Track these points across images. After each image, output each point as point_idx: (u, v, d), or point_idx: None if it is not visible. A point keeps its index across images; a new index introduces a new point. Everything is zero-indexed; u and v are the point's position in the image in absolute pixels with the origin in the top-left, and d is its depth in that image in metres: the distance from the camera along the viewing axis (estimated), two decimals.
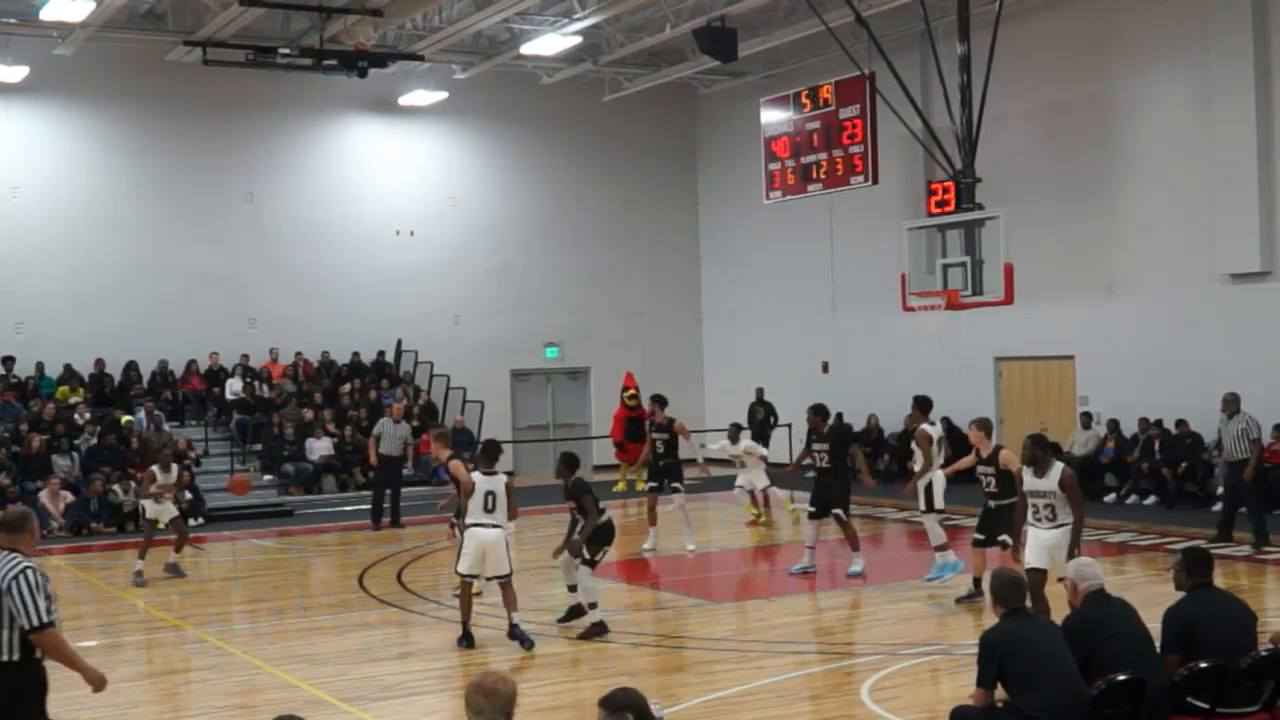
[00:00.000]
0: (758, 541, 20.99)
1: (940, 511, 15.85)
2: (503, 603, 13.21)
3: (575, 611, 13.87)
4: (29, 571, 7.44)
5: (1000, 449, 14.40)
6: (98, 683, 7.82)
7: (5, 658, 7.40)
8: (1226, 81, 22.54)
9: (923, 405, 16.54)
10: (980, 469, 14.49)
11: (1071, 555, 10.66)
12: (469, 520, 13.30)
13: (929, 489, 15.83)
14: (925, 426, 16.08)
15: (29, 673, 7.54)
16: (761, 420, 30.56)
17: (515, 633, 13.05)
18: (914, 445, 16.43)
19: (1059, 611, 9.36)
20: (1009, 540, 13.29)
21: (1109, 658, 8.06)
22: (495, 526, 13.14)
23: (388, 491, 23.50)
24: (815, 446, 16.99)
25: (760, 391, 30.45)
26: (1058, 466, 11.73)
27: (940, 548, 15.73)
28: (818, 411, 17.12)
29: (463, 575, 13.29)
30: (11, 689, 7.47)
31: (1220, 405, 18.88)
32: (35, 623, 7.37)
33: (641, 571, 18.03)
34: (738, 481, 22.34)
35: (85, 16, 23.98)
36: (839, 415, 29.56)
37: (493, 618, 14.73)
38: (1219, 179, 22.73)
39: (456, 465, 14.56)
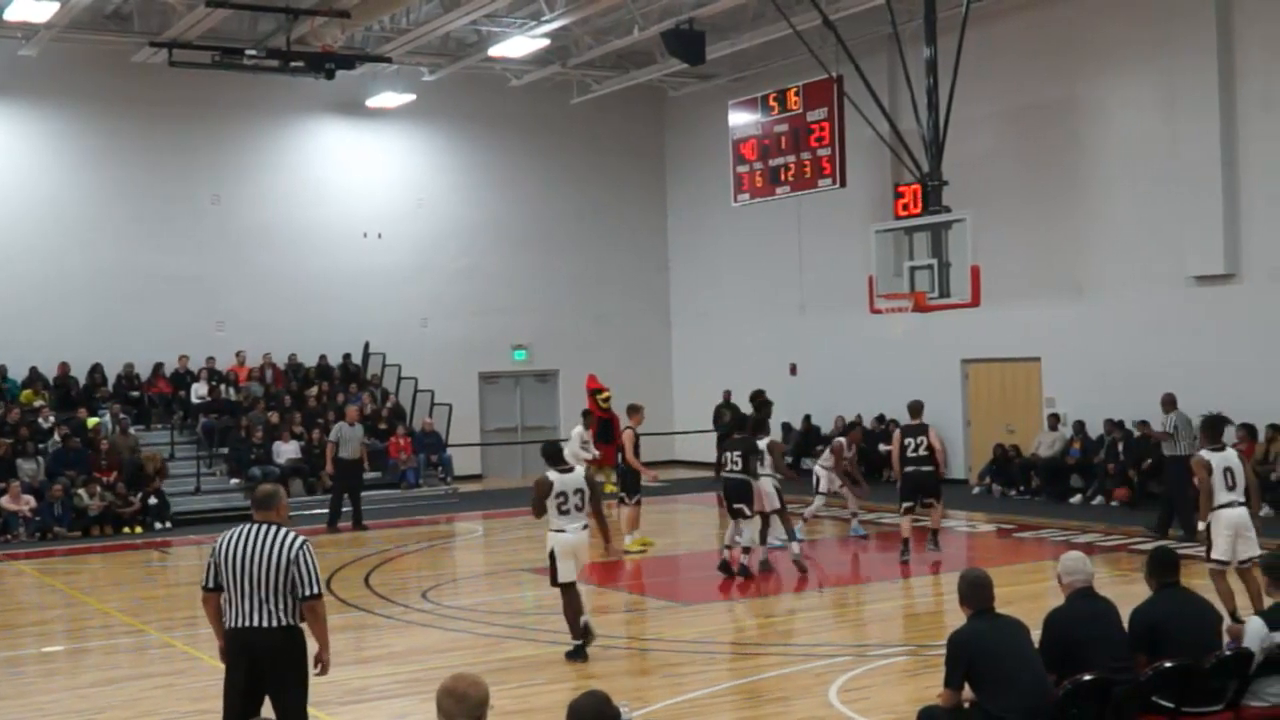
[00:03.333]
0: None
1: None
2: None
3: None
4: (309, 544, 8.27)
5: None
6: (328, 665, 8.43)
7: (289, 622, 8.15)
8: (1191, 84, 22.69)
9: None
10: None
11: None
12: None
13: None
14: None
15: (303, 638, 8.28)
16: (728, 423, 30.56)
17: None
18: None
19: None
20: None
21: (1084, 656, 8.09)
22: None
23: (346, 495, 23.34)
24: (731, 452, 17.25)
25: (727, 394, 30.47)
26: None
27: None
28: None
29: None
30: (297, 651, 8.22)
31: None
32: (315, 591, 8.16)
33: (611, 574, 18.03)
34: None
35: (50, 17, 23.84)
36: (806, 417, 29.85)
37: (467, 620, 14.72)
38: (1184, 182, 22.87)
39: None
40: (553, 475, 12.52)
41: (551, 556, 12.57)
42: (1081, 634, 8.24)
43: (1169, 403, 19.47)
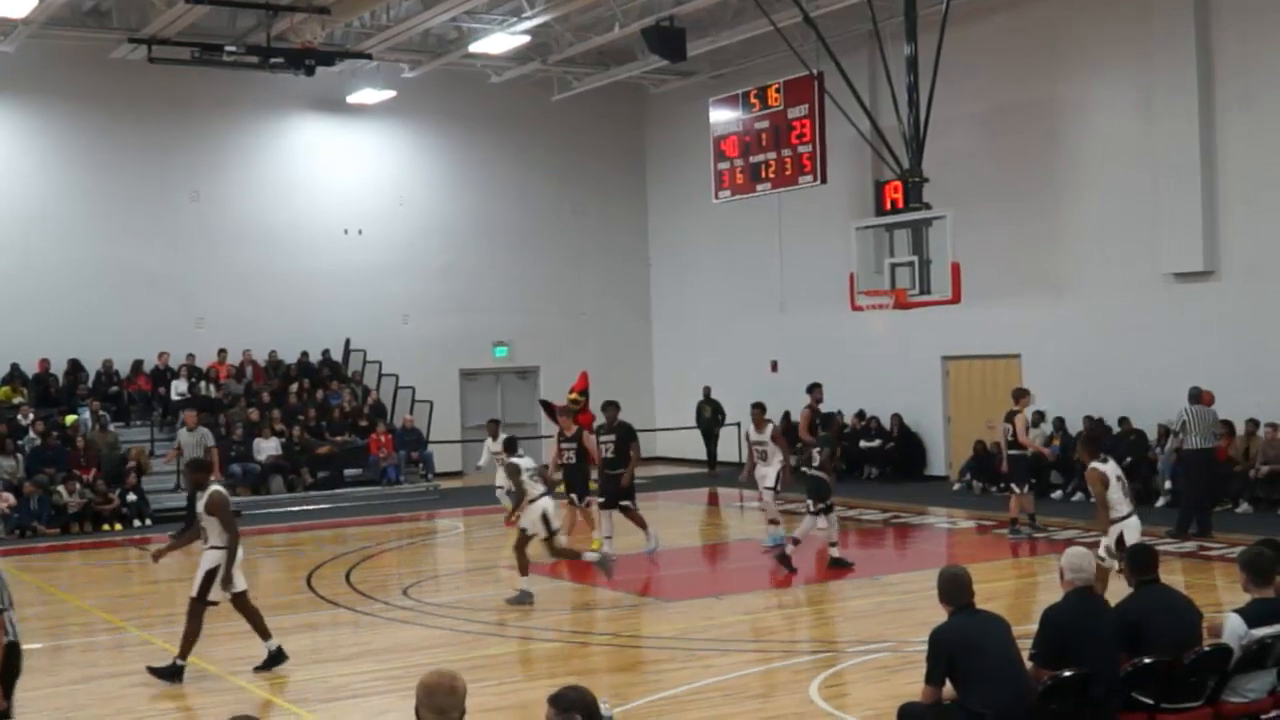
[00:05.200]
0: (707, 540, 21.01)
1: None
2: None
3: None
4: None
5: None
6: None
7: None
8: (1170, 84, 22.76)
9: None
10: None
11: None
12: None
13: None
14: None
15: None
16: (709, 419, 30.61)
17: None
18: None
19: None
20: None
21: (1079, 654, 8.08)
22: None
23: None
24: (602, 438, 17.59)
25: (707, 390, 30.51)
26: None
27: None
28: (613, 405, 18.08)
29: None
30: None
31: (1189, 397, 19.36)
32: None
33: (589, 570, 18.01)
34: (497, 481, 21.53)
35: (28, 13, 23.68)
36: (786, 414, 29.86)
37: (448, 617, 14.71)
38: (1163, 180, 22.94)
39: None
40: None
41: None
42: (1078, 631, 8.24)
43: (1191, 397, 19.27)
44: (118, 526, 23.79)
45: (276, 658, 12.47)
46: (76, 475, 24.04)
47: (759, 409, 18.95)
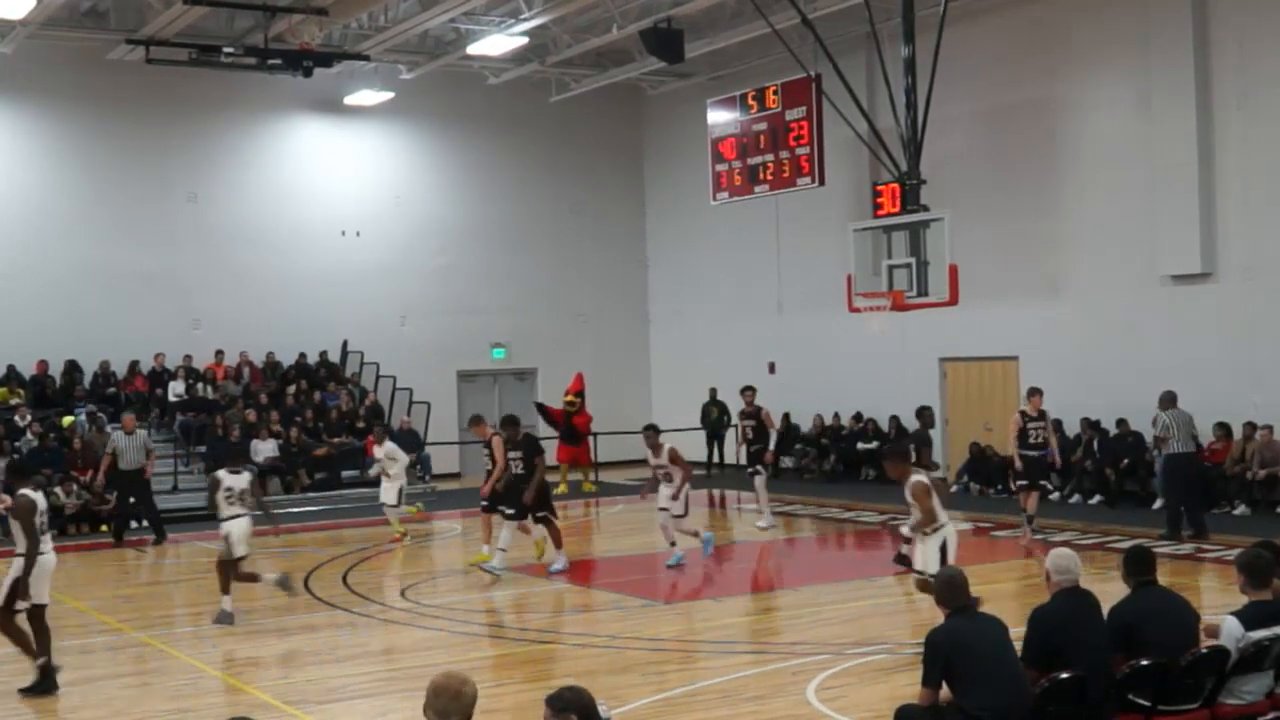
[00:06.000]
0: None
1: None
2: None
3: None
4: None
5: None
6: None
7: None
8: (1167, 84, 22.77)
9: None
10: None
11: None
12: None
13: None
14: None
15: None
16: (715, 419, 30.62)
17: None
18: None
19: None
20: None
21: (1068, 655, 8.09)
22: None
23: (131, 500, 22.33)
24: (510, 454, 17.24)
25: (714, 391, 30.51)
26: None
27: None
28: (511, 422, 17.82)
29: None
30: None
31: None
32: None
33: (586, 573, 18.02)
34: (382, 498, 21.37)
35: (26, 14, 23.66)
36: (785, 416, 29.86)
37: (445, 619, 14.70)
38: (1160, 181, 22.95)
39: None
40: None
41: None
42: (1066, 633, 8.24)
43: (1167, 401, 19.19)
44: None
45: (43, 684, 11.76)
46: (73, 477, 24.01)
47: (652, 431, 17.96)
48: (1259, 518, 20.42)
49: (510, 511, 17.07)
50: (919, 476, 12.93)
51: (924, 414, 21.75)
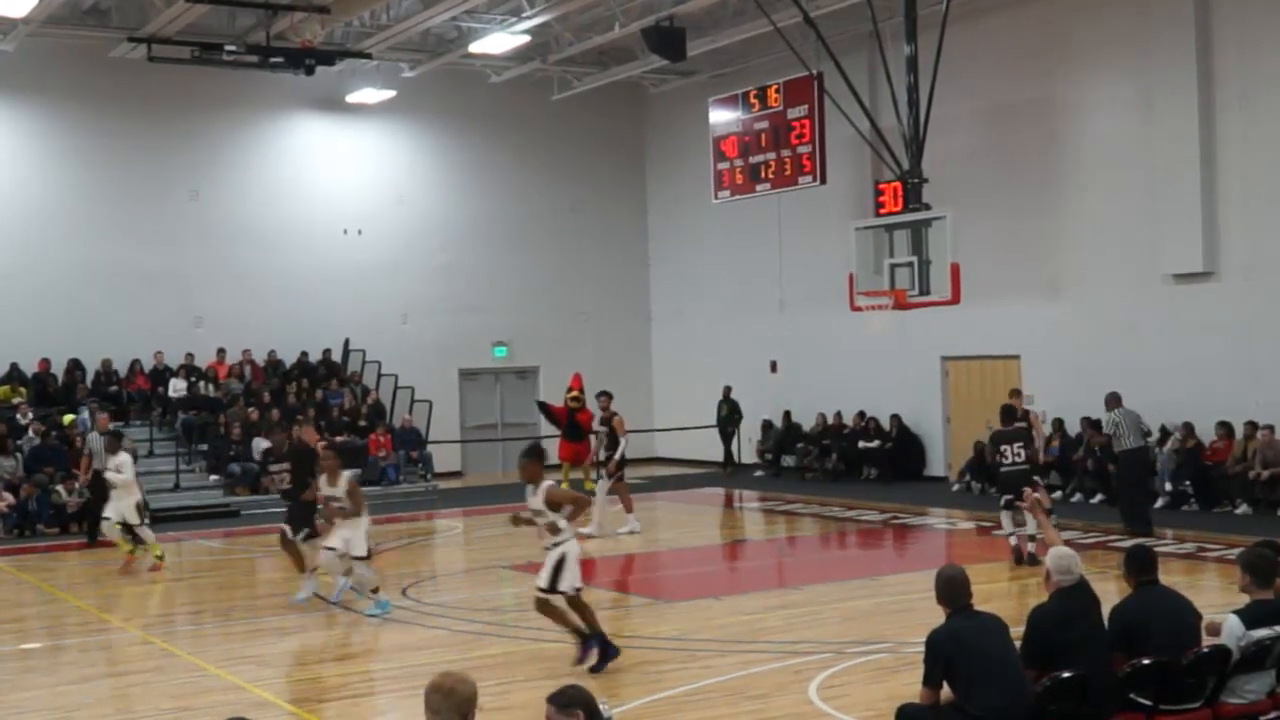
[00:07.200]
0: (707, 541, 21.00)
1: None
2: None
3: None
4: None
5: None
6: None
7: None
8: (1169, 84, 22.74)
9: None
10: None
11: None
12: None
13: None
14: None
15: None
16: (725, 418, 30.61)
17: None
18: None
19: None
20: None
21: (1067, 654, 8.08)
22: None
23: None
24: (274, 467, 16.46)
25: (727, 390, 30.51)
26: None
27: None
28: (277, 427, 17.28)
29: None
30: None
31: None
32: None
33: (586, 572, 17.99)
34: (105, 512, 19.00)
35: (28, 12, 23.68)
36: (787, 414, 29.83)
37: (446, 617, 14.71)
38: (1162, 180, 22.93)
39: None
40: None
41: None
42: (1066, 632, 8.23)
43: (1113, 401, 19.65)
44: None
45: None
46: (75, 475, 24.00)
47: (331, 454, 16.08)
48: (1260, 517, 20.41)
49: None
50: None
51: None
